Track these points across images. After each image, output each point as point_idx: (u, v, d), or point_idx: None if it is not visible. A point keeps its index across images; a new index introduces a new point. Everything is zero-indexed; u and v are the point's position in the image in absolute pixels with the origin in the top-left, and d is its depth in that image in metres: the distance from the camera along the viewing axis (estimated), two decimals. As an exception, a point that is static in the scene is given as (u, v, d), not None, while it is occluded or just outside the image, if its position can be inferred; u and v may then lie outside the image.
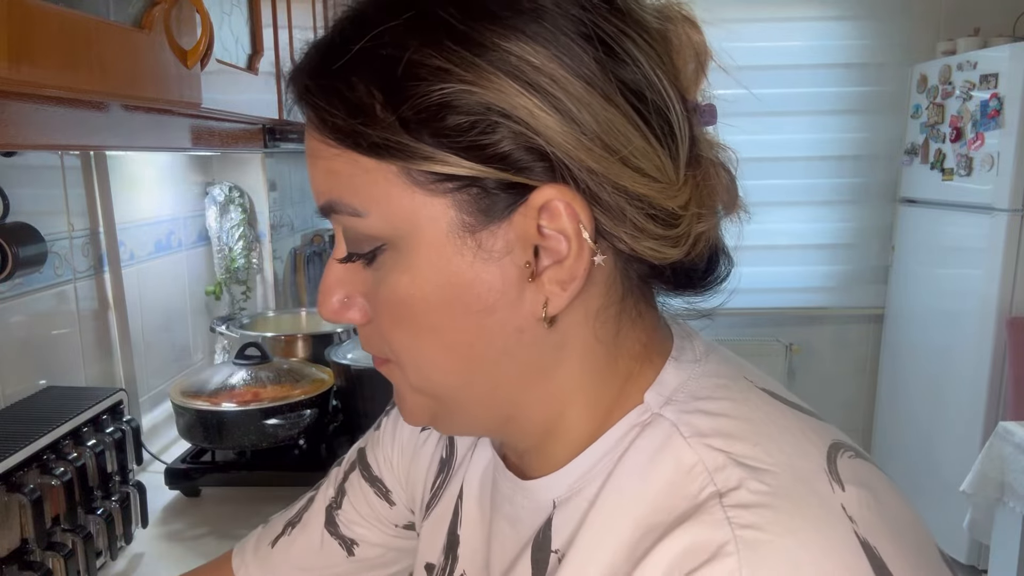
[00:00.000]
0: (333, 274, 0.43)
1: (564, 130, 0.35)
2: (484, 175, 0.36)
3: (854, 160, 3.02)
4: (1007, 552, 1.82)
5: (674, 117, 0.38)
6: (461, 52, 0.35)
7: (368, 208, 0.38)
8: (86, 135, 0.65)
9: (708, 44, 0.40)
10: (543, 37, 0.36)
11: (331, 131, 0.38)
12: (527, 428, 0.44)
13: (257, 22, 1.00)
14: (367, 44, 0.36)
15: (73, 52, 0.54)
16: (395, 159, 0.37)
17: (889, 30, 2.92)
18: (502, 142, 0.35)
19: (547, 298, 0.38)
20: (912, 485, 2.72)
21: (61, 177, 1.16)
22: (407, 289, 0.39)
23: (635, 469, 0.40)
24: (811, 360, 3.16)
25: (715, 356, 0.44)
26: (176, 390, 1.24)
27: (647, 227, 0.38)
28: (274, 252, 1.90)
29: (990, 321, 2.40)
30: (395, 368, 0.44)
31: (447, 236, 0.37)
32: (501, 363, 0.41)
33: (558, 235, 0.37)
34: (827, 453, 0.38)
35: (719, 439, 0.38)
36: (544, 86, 0.35)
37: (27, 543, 0.84)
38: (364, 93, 0.36)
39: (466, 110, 0.35)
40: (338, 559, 0.63)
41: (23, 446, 0.84)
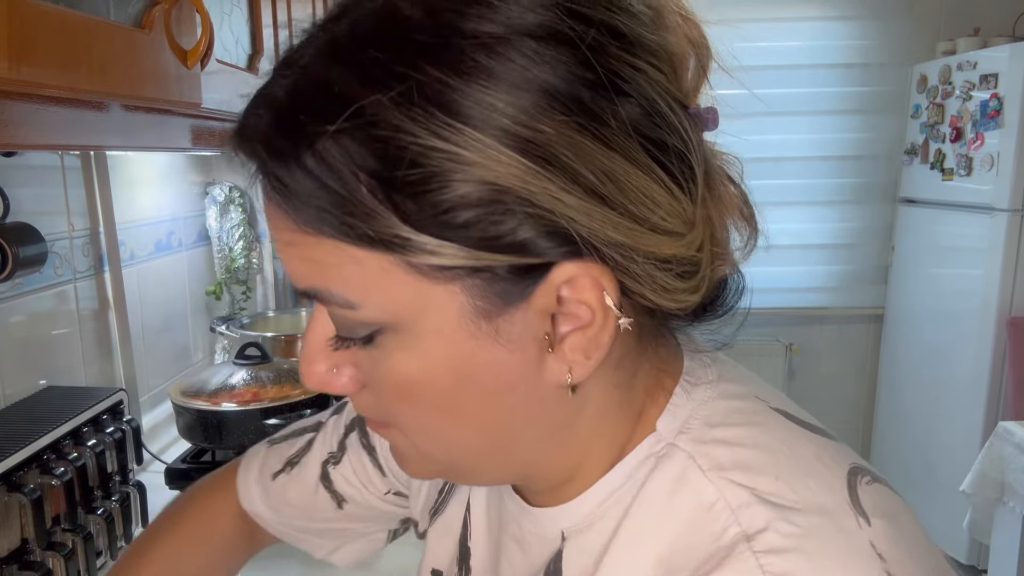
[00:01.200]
0: (316, 343, 0.38)
1: (589, 208, 0.31)
2: (498, 263, 0.32)
3: (854, 160, 3.02)
4: (1007, 552, 1.82)
5: (694, 156, 0.35)
6: (461, 128, 0.30)
7: (362, 299, 0.34)
8: (86, 135, 0.65)
9: (708, 41, 0.37)
10: (554, 98, 0.31)
11: (307, 220, 0.32)
12: (545, 477, 0.42)
13: (257, 22, 1.00)
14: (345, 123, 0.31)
15: (73, 52, 0.54)
16: (391, 252, 0.32)
17: (889, 30, 2.91)
18: (518, 230, 0.31)
19: (570, 367, 0.35)
20: (912, 485, 2.72)
21: (61, 177, 1.16)
22: (413, 372, 0.35)
23: (654, 504, 0.38)
24: (811, 360, 3.15)
25: (726, 375, 0.42)
26: (176, 390, 1.24)
27: (673, 284, 0.35)
28: (274, 252, 1.90)
29: (990, 321, 2.40)
30: (399, 434, 0.40)
31: (458, 321, 0.33)
32: (520, 429, 0.38)
33: (580, 304, 0.34)
34: (847, 482, 0.37)
35: (739, 472, 0.36)
36: (563, 159, 0.31)
37: (27, 543, 0.84)
38: (347, 178, 0.31)
39: (475, 200, 0.30)
40: (328, 510, 0.64)
41: (23, 446, 0.84)
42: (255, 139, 0.34)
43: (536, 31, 0.31)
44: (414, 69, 0.30)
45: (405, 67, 0.30)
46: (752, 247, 0.40)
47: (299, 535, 0.67)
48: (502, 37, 0.31)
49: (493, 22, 0.31)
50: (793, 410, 0.42)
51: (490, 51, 0.30)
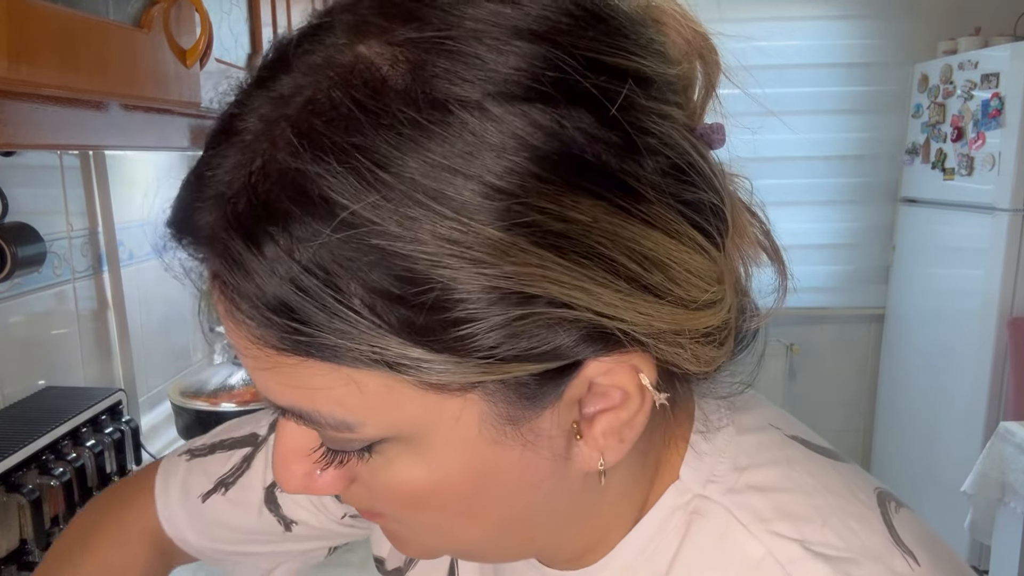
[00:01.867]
0: (289, 445, 0.31)
1: (632, 302, 0.26)
2: (526, 372, 0.27)
3: (855, 160, 3.02)
4: (1008, 552, 1.82)
5: (727, 206, 0.30)
6: (479, 230, 0.24)
7: (361, 420, 0.28)
8: (85, 135, 0.65)
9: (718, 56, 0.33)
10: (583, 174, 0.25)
11: (288, 343, 0.26)
12: (563, 552, 0.39)
13: (256, 21, 1.00)
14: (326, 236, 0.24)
15: (72, 52, 0.54)
16: (399, 373, 0.26)
17: (890, 30, 2.91)
18: (553, 338, 0.26)
19: (602, 452, 0.31)
20: (912, 485, 2.72)
21: (60, 177, 1.16)
22: (424, 482, 0.30)
23: (697, 568, 0.35)
24: (811, 360, 3.15)
25: (737, 402, 0.39)
26: (175, 390, 1.24)
27: (704, 353, 0.30)
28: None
29: (991, 321, 2.40)
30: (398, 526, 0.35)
31: (479, 430, 0.28)
32: (542, 520, 0.34)
33: (612, 387, 0.29)
34: (883, 516, 0.35)
35: (783, 523, 0.33)
36: (600, 249, 0.25)
37: (26, 543, 0.84)
38: (337, 290, 0.25)
39: (500, 312, 0.25)
40: (273, 533, 0.56)
41: (22, 446, 0.84)
42: (205, 242, 0.27)
43: (549, 92, 0.25)
44: (411, 158, 0.24)
45: (403, 155, 0.24)
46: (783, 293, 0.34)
47: (229, 558, 0.59)
48: (510, 103, 0.25)
49: (497, 85, 0.25)
50: (806, 435, 0.40)
51: (499, 124, 0.24)
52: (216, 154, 0.27)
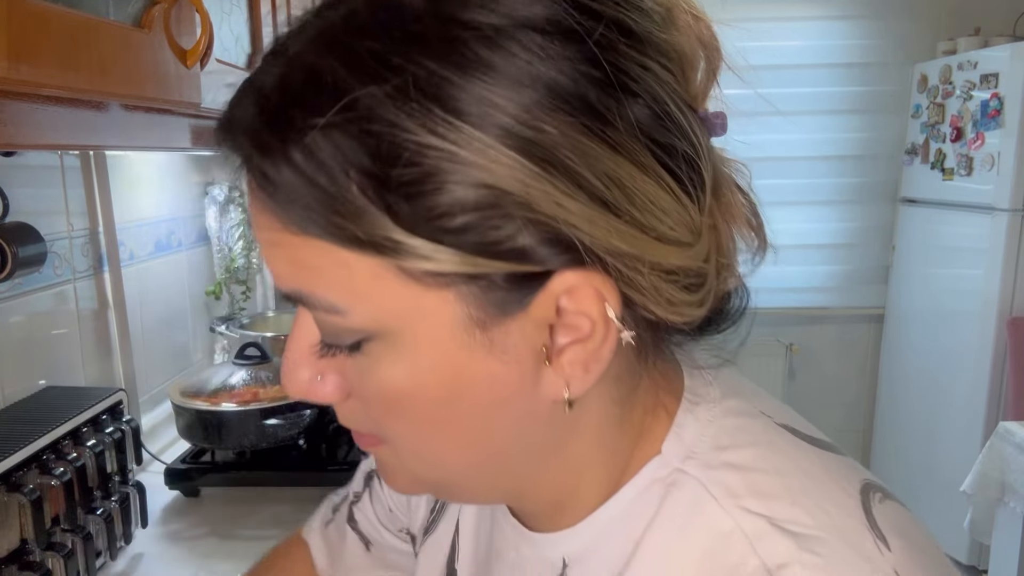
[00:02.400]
0: (299, 349, 0.36)
1: (592, 215, 0.29)
2: (496, 271, 0.30)
3: (854, 160, 3.02)
4: (1008, 552, 1.82)
5: (704, 162, 0.33)
6: (459, 125, 0.28)
7: (349, 305, 0.31)
8: (86, 135, 0.65)
9: (719, 43, 0.35)
10: (559, 96, 0.29)
11: (295, 219, 0.30)
12: (539, 499, 0.41)
13: (257, 21, 1.00)
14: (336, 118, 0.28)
15: (73, 52, 0.54)
16: (384, 256, 0.30)
17: (889, 30, 2.91)
18: (518, 236, 0.29)
19: (567, 381, 0.33)
20: (912, 485, 2.72)
21: (61, 177, 1.16)
22: (403, 383, 0.33)
23: (668, 537, 0.36)
24: (811, 360, 3.15)
25: (729, 390, 0.41)
26: (176, 390, 1.24)
27: (678, 296, 0.33)
28: (274, 252, 1.90)
29: (991, 321, 2.40)
30: (387, 449, 0.38)
31: (451, 331, 0.31)
32: (513, 448, 0.37)
33: (579, 314, 0.32)
34: (862, 503, 0.35)
35: (754, 499, 0.35)
36: (566, 162, 0.29)
37: (27, 543, 0.84)
38: (337, 175, 0.29)
39: (473, 203, 0.28)
40: (359, 551, 0.63)
41: (23, 446, 0.84)
42: (241, 132, 0.31)
43: (542, 24, 0.29)
44: (411, 61, 0.28)
45: (402, 59, 0.28)
46: (761, 260, 0.37)
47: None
48: (506, 30, 0.29)
49: (497, 13, 0.29)
50: (799, 424, 0.40)
51: (492, 44, 0.29)
52: (264, 67, 0.32)
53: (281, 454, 1.27)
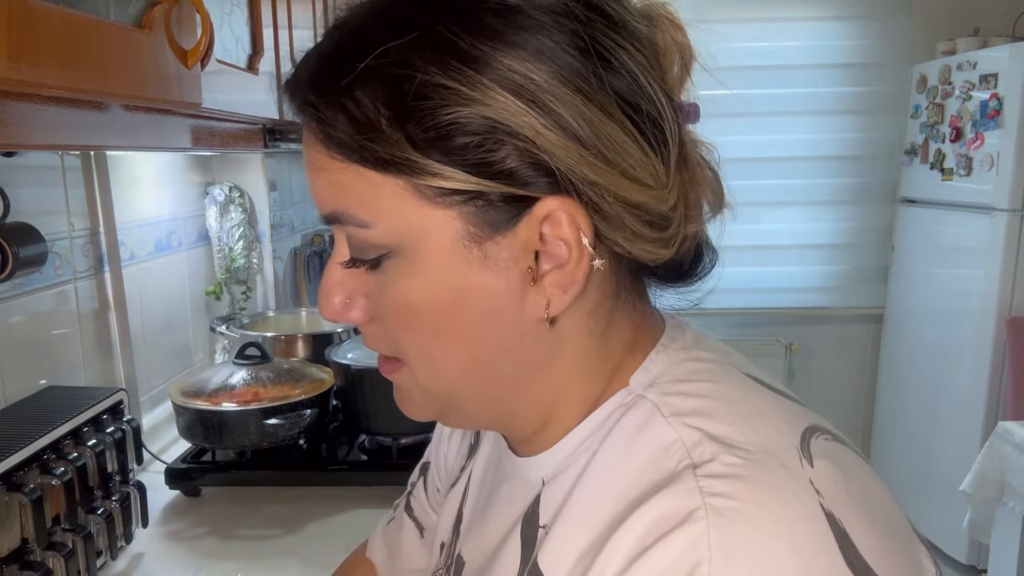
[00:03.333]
0: (334, 276, 0.44)
1: (567, 146, 0.37)
2: (490, 190, 0.37)
3: (854, 160, 3.02)
4: (1007, 552, 1.82)
5: (667, 124, 0.39)
6: (466, 71, 0.36)
7: (375, 219, 0.39)
8: (86, 135, 0.65)
9: (692, 45, 0.42)
10: (544, 54, 0.37)
11: (337, 146, 0.39)
12: (525, 420, 0.46)
13: (257, 22, 1.00)
14: (372, 62, 0.37)
15: (73, 52, 0.54)
16: (403, 174, 0.38)
17: (889, 30, 2.92)
18: (508, 159, 0.37)
19: (548, 300, 0.40)
20: (912, 485, 2.72)
21: (61, 177, 1.16)
22: (414, 294, 0.40)
23: (618, 446, 0.42)
24: (811, 360, 3.16)
25: (704, 344, 0.46)
26: (176, 390, 1.24)
27: (643, 232, 0.40)
28: (274, 252, 1.90)
29: (990, 321, 2.40)
30: (403, 369, 0.45)
31: (453, 245, 0.39)
32: (504, 361, 0.43)
33: (559, 241, 0.39)
34: (801, 434, 0.39)
35: (696, 418, 0.40)
36: (547, 103, 0.36)
37: (27, 543, 0.84)
38: (370, 109, 0.37)
39: (473, 129, 0.36)
40: (415, 540, 0.68)
41: (23, 446, 0.84)
42: (303, 83, 0.40)
43: (541, 3, 0.37)
44: (436, 24, 0.36)
45: (429, 21, 0.36)
46: (718, 214, 0.44)
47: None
48: (512, 5, 0.37)
49: None
50: (768, 379, 0.45)
51: (499, 15, 0.37)
52: (323, 37, 0.41)
53: (281, 454, 1.27)
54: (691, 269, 0.45)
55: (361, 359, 1.35)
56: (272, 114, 1.05)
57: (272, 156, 1.90)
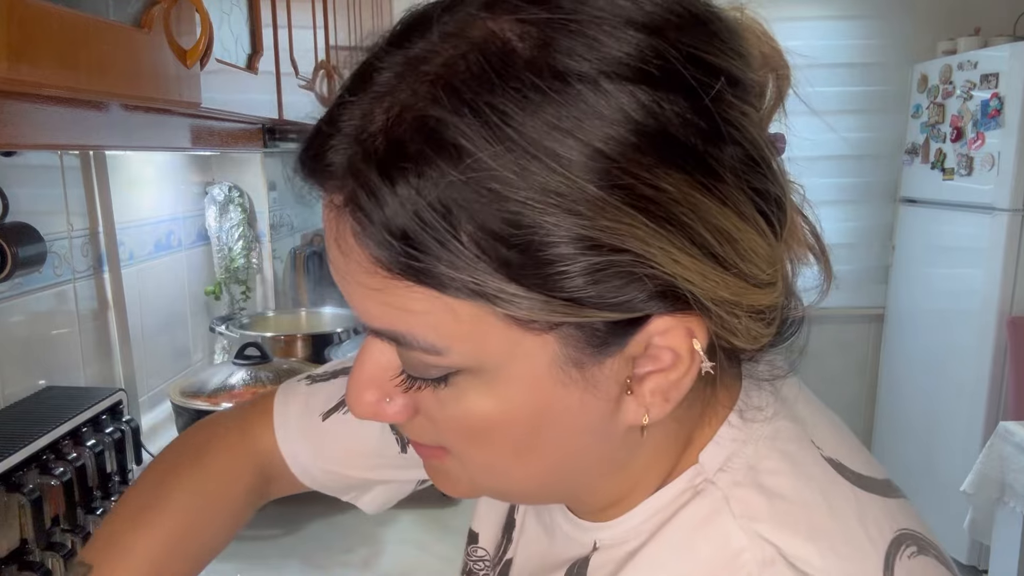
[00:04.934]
0: (368, 372, 0.36)
1: (704, 268, 0.30)
2: (602, 319, 0.31)
3: (855, 160, 3.02)
4: (1007, 552, 1.82)
5: (788, 201, 0.34)
6: (582, 185, 0.28)
7: (449, 346, 0.32)
8: (85, 135, 0.65)
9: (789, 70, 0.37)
10: (674, 151, 0.29)
11: (400, 265, 0.30)
12: (592, 502, 0.42)
13: (257, 22, 1.00)
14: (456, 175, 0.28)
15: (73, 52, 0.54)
16: (493, 305, 0.30)
17: (889, 30, 2.91)
18: (628, 288, 0.30)
19: (647, 409, 0.34)
20: (912, 485, 2.72)
21: (61, 177, 1.16)
22: (490, 414, 0.33)
23: (679, 536, 0.37)
24: (811, 360, 3.08)
25: (786, 413, 0.40)
26: (176, 390, 1.24)
27: (759, 331, 0.34)
28: (274, 252, 1.90)
29: (990, 321, 2.40)
30: (453, 461, 0.38)
31: (548, 369, 0.32)
32: (582, 465, 0.38)
33: (666, 349, 0.33)
34: (886, 553, 0.35)
35: (771, 527, 0.34)
36: (682, 218, 0.29)
37: (27, 543, 0.84)
38: (451, 225, 0.29)
39: (588, 259, 0.29)
40: (392, 451, 0.58)
41: (23, 446, 0.84)
42: (341, 173, 0.31)
43: (654, 77, 0.29)
44: (531, 117, 0.28)
45: (524, 115, 0.28)
46: (827, 289, 0.39)
47: (332, 483, 0.61)
48: (619, 82, 0.28)
49: (611, 65, 0.29)
50: (849, 460, 0.39)
51: (610, 99, 0.28)
52: (351, 102, 0.31)
53: (281, 454, 1.27)
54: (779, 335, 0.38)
55: (361, 359, 1.35)
56: (272, 114, 1.05)
57: (271, 156, 1.89)
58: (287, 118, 1.08)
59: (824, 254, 0.38)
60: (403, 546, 1.07)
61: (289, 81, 1.09)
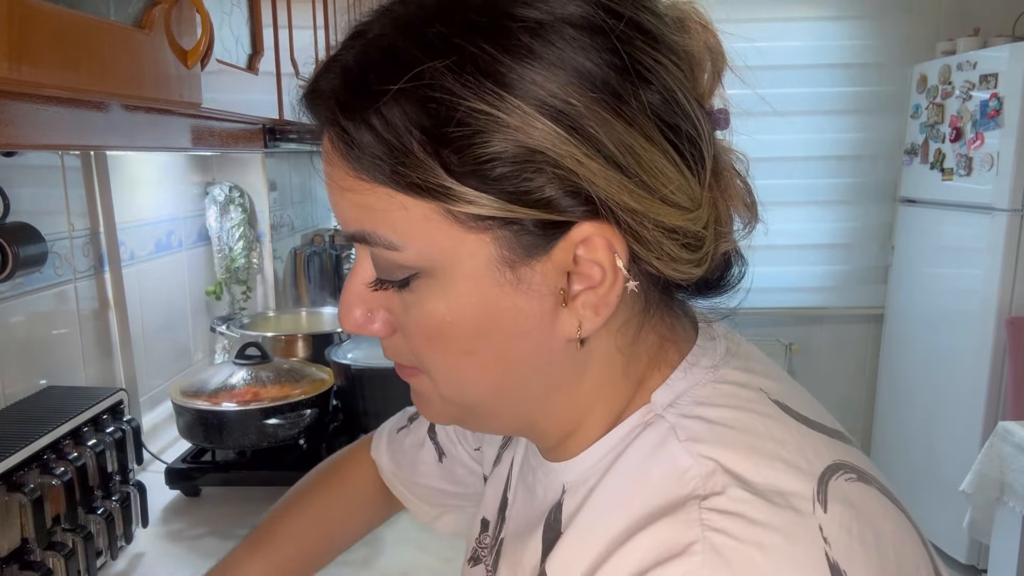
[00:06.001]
0: (355, 288, 0.42)
1: (608, 174, 0.35)
2: (527, 217, 0.36)
3: (854, 160, 3.03)
4: (1007, 552, 1.82)
5: (704, 143, 0.38)
6: (504, 96, 0.34)
7: (405, 242, 0.38)
8: (86, 135, 0.65)
9: (724, 49, 0.41)
10: (584, 76, 0.35)
11: (365, 167, 0.37)
12: (549, 432, 0.46)
13: (257, 22, 1.00)
14: (406, 84, 0.35)
15: (73, 52, 0.54)
16: (436, 200, 0.36)
17: (889, 30, 2.92)
18: (546, 187, 0.35)
19: (580, 322, 0.39)
20: (912, 485, 2.72)
21: (61, 177, 1.16)
22: (442, 315, 0.39)
23: (632, 465, 0.41)
24: (811, 360, 3.16)
25: (735, 363, 0.44)
26: (176, 390, 1.24)
27: (679, 254, 0.38)
28: (274, 252, 1.91)
29: (990, 321, 2.40)
30: (423, 376, 0.44)
31: (486, 268, 0.37)
32: (530, 380, 0.42)
33: (593, 264, 0.38)
34: (821, 473, 0.38)
35: (712, 447, 0.38)
36: (588, 130, 0.35)
37: (27, 543, 0.84)
38: (403, 132, 0.35)
39: (511, 157, 0.35)
40: (431, 461, 0.69)
41: (23, 446, 0.84)
42: (326, 96, 0.38)
43: (576, 20, 0.35)
44: (470, 44, 0.35)
45: (463, 41, 0.35)
46: (752, 229, 0.43)
47: (405, 491, 0.72)
48: (547, 23, 0.35)
49: (540, 10, 0.35)
50: (797, 405, 0.43)
51: (535, 34, 0.35)
52: (344, 47, 0.39)
53: (281, 454, 1.27)
54: (720, 281, 0.44)
55: (361, 359, 1.35)
56: (272, 114, 1.05)
57: (272, 156, 1.90)
58: (288, 118, 1.08)
59: (754, 206, 0.43)
60: (403, 546, 1.07)
61: (289, 81, 1.10)
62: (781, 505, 0.35)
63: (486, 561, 0.56)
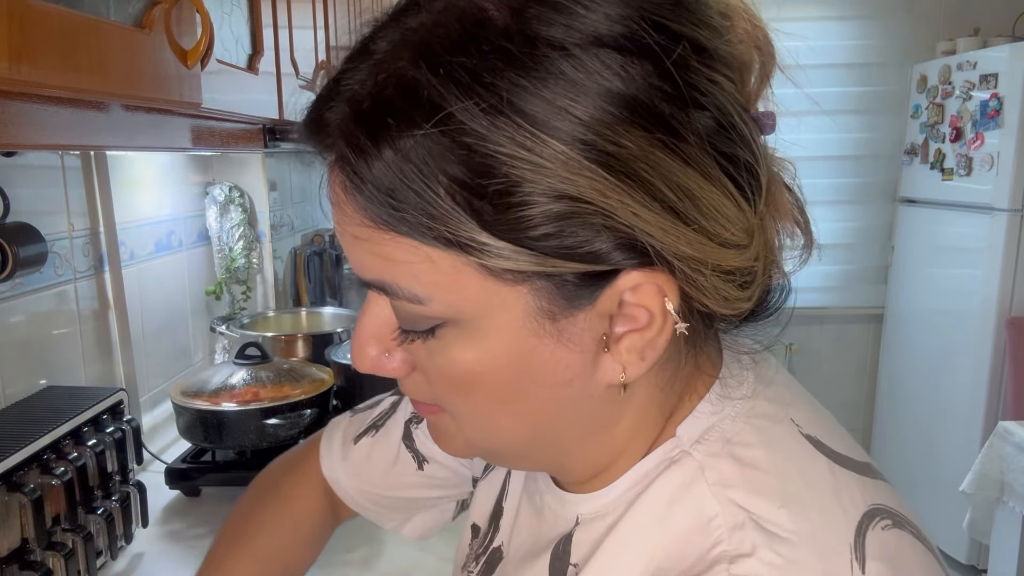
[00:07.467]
0: (369, 328, 0.38)
1: (663, 223, 0.32)
2: (570, 271, 0.32)
3: (854, 160, 3.03)
4: (1007, 552, 1.82)
5: (761, 168, 0.35)
6: (546, 140, 0.30)
7: (431, 295, 0.34)
8: (86, 135, 0.65)
9: (774, 49, 0.38)
10: (637, 112, 0.31)
11: (386, 218, 0.33)
12: (576, 471, 0.43)
13: (257, 22, 1.00)
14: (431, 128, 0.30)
15: (73, 52, 0.54)
16: (468, 255, 0.32)
17: (889, 30, 2.92)
18: (594, 240, 0.31)
19: (624, 367, 0.36)
20: (912, 485, 2.72)
21: (61, 177, 1.16)
22: (471, 364, 0.36)
23: (657, 505, 0.38)
24: (811, 360, 3.16)
25: (767, 392, 0.41)
26: (176, 390, 1.24)
27: (732, 294, 0.35)
28: (274, 252, 1.90)
29: (990, 321, 2.40)
30: (447, 417, 0.40)
31: (523, 321, 0.34)
32: (567, 427, 0.39)
33: (640, 307, 0.34)
34: (858, 523, 0.35)
35: (743, 493, 0.36)
36: (642, 175, 0.31)
37: (27, 543, 0.84)
38: (430, 180, 0.31)
39: (555, 211, 0.31)
40: (409, 471, 0.64)
41: (23, 446, 0.84)
42: (334, 133, 0.34)
43: (620, 43, 0.31)
44: (501, 78, 0.30)
45: (493, 76, 0.30)
46: (807, 257, 0.39)
47: (372, 505, 0.67)
48: (587, 48, 0.30)
49: (579, 31, 0.31)
50: (830, 439, 0.40)
51: (576, 62, 0.30)
52: (350, 68, 0.34)
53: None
54: (763, 304, 0.39)
55: (361, 359, 1.35)
56: (272, 114, 1.05)
57: (272, 156, 1.90)
58: (288, 118, 1.08)
59: (807, 225, 0.39)
60: (403, 546, 1.07)
61: (290, 81, 1.10)
62: (817, 570, 0.33)
63: (469, 567, 0.54)
